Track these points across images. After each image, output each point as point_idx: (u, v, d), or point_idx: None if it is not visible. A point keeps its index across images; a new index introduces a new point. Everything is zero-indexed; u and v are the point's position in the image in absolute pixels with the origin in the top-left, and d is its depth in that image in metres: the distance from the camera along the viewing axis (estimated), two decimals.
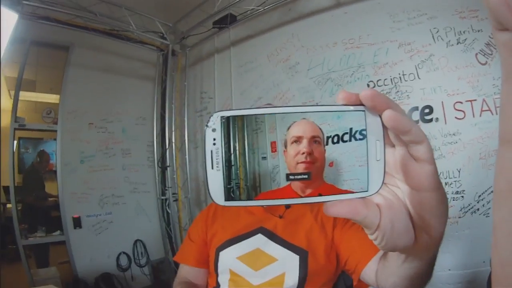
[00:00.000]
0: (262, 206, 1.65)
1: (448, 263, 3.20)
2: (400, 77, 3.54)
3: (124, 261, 5.15)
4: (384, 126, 0.48)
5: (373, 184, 0.49)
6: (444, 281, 3.21)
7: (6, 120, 4.54)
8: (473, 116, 3.14)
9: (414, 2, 3.46)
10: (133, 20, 4.82)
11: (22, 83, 4.68)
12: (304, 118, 0.58)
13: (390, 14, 3.60)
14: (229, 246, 1.59)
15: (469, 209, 3.14)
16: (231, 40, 5.08)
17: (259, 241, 1.56)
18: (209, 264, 1.65)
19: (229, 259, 1.56)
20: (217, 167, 0.48)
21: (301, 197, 0.57)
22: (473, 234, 3.10)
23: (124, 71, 5.54)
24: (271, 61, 4.58)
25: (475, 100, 3.13)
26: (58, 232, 4.77)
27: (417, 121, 3.38)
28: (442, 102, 3.29)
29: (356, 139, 0.49)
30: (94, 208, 5.02)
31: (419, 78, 3.44)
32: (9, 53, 3.92)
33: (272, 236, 1.56)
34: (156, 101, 5.67)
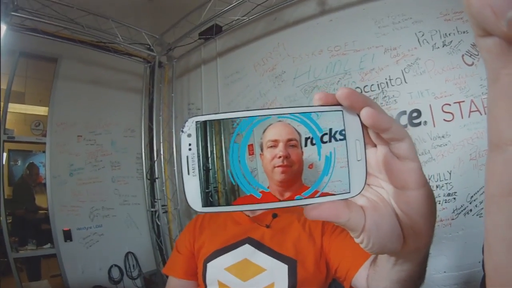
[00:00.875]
0: (243, 211, 1.62)
1: (443, 265, 3.15)
2: (386, 82, 3.50)
3: (116, 273, 5.01)
4: (363, 126, 0.47)
5: (355, 185, 0.48)
6: (439, 283, 3.16)
7: None
8: (462, 118, 3.10)
9: (399, 6, 3.43)
10: (120, 32, 4.74)
11: (12, 95, 4.57)
12: (280, 120, 0.53)
13: (375, 19, 3.57)
14: (217, 257, 1.55)
15: (462, 211, 3.10)
16: (217, 50, 5.01)
17: (247, 251, 1.53)
18: (198, 276, 1.62)
19: (217, 270, 1.53)
20: (193, 172, 0.48)
21: (280, 201, 0.49)
22: (467, 235, 3.05)
23: (112, 83, 5.38)
24: (257, 71, 4.51)
25: (463, 101, 3.10)
26: (48, 245, 4.65)
27: (405, 125, 3.33)
28: (430, 105, 3.25)
29: (336, 140, 0.48)
30: (85, 220, 4.88)
31: (406, 82, 3.40)
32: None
33: (259, 246, 1.53)
34: (143, 113, 5.56)
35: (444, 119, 3.19)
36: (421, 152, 3.26)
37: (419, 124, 3.29)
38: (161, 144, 5.33)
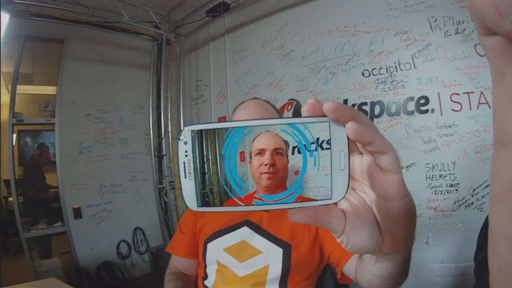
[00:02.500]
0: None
1: (440, 255, 3.11)
2: (395, 66, 3.31)
3: (124, 249, 5.04)
4: (348, 137, 0.47)
5: (337, 192, 0.48)
6: (436, 274, 3.13)
7: (5, 114, 4.39)
8: (470, 109, 2.94)
9: None
10: (126, 11, 4.55)
11: (20, 77, 4.49)
12: (268, 131, 0.54)
13: (387, 1, 3.33)
14: (216, 238, 1.60)
15: (463, 203, 3.01)
16: (226, 27, 4.81)
17: (245, 233, 1.58)
18: (199, 255, 1.67)
19: (216, 250, 1.58)
20: (189, 176, 0.49)
21: (266, 203, 0.51)
22: (467, 228, 2.99)
23: (120, 61, 5.26)
24: (265, 49, 4.33)
25: (472, 92, 2.92)
26: (59, 223, 4.65)
27: (412, 112, 3.20)
28: (438, 93, 3.08)
29: (322, 149, 0.49)
30: (94, 198, 4.87)
31: (415, 67, 3.20)
32: (5, 49, 3.86)
33: (257, 229, 1.58)
34: (151, 90, 5.47)
35: (452, 109, 3.02)
36: (426, 140, 3.15)
37: (426, 111, 3.15)
38: (169, 121, 5.26)
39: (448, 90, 3.03)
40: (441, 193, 3.09)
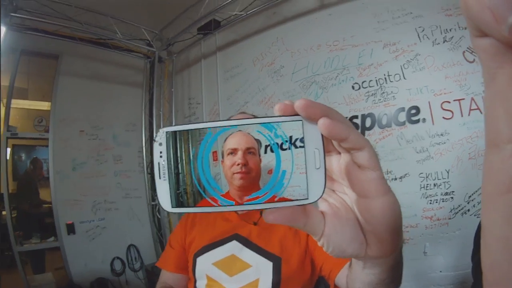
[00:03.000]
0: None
1: (439, 264, 3.04)
2: (385, 78, 3.31)
3: (118, 266, 4.95)
4: (323, 135, 0.46)
5: (313, 192, 0.47)
6: (435, 283, 3.05)
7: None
8: (462, 116, 2.92)
9: (399, 1, 3.24)
10: (119, 28, 4.60)
11: (15, 91, 4.52)
12: (240, 130, 0.66)
13: (374, 14, 3.36)
14: (206, 252, 1.58)
15: (459, 210, 2.95)
16: (217, 45, 4.83)
17: (234, 247, 1.55)
18: (188, 270, 1.64)
19: (206, 264, 1.55)
20: (163, 177, 0.48)
21: (240, 204, 0.49)
22: (464, 235, 2.92)
23: (113, 78, 5.26)
24: (256, 65, 4.34)
25: (463, 99, 2.91)
26: (52, 238, 4.59)
27: (403, 122, 3.19)
28: (429, 102, 3.07)
29: (296, 147, 0.47)
30: (87, 214, 4.81)
31: (404, 78, 3.21)
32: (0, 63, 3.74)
33: (246, 242, 1.56)
34: (144, 108, 5.46)
35: (443, 117, 3.00)
36: (419, 149, 3.11)
37: (418, 121, 3.13)
38: None
39: (439, 99, 3.02)
40: (436, 202, 3.05)
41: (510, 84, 0.28)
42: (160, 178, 0.48)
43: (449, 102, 2.97)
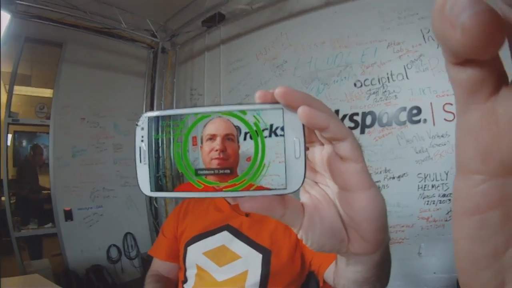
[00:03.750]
0: (225, 198, 1.68)
1: (433, 266, 3.03)
2: (388, 77, 3.29)
3: (114, 253, 4.94)
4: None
5: (293, 182, 0.45)
6: (429, 284, 3.03)
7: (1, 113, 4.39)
8: None
9: (405, 1, 3.20)
10: (123, 18, 4.54)
11: (18, 78, 4.50)
12: (219, 116, 0.59)
13: (380, 13, 3.32)
14: (197, 241, 1.57)
15: None
16: (221, 38, 4.80)
17: (225, 238, 1.54)
18: (179, 259, 1.63)
19: (196, 254, 1.54)
20: (144, 161, 0.49)
21: (216, 191, 0.48)
22: None
23: (116, 67, 5.23)
24: (259, 59, 4.31)
25: None
26: (50, 225, 4.58)
27: (404, 122, 3.17)
28: (431, 103, 3.05)
29: (276, 135, 0.46)
30: (86, 201, 4.80)
31: (407, 78, 3.18)
32: (3, 49, 3.77)
33: (237, 234, 1.55)
34: (146, 98, 5.43)
35: (444, 119, 2.98)
36: (418, 150, 3.09)
37: (419, 121, 3.11)
38: None
39: (441, 100, 3.00)
40: (433, 203, 3.02)
41: (482, 121, 0.28)
42: (140, 162, 0.49)
43: (451, 104, 2.94)
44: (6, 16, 3.45)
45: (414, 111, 3.12)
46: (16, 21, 3.73)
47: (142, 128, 0.49)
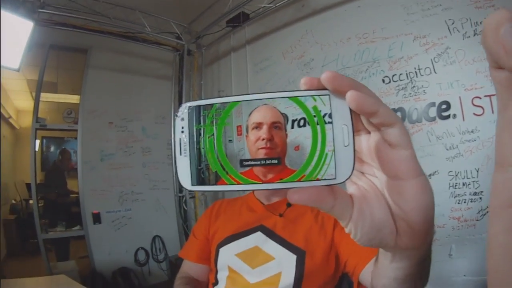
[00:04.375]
0: (258, 199, 1.66)
1: (463, 268, 2.88)
2: (416, 72, 3.16)
3: (142, 256, 5.00)
4: (352, 110, 0.43)
5: (342, 172, 0.44)
6: (458, 287, 2.90)
7: (28, 120, 4.53)
8: (492, 113, 2.75)
9: None
10: (147, 22, 4.60)
11: (44, 85, 4.64)
12: (265, 104, 0.51)
13: (404, 6, 3.21)
14: (229, 242, 1.55)
15: (487, 212, 2.75)
16: (246, 38, 4.79)
17: (258, 239, 1.52)
18: (210, 261, 1.61)
19: (228, 255, 1.52)
20: (184, 153, 0.48)
21: (264, 182, 0.46)
22: None
23: (142, 71, 5.30)
24: (286, 58, 4.26)
25: (494, 95, 2.67)
26: (77, 227, 4.69)
27: (434, 118, 3.04)
28: (459, 97, 2.90)
29: (325, 123, 0.44)
30: (114, 204, 4.88)
31: (435, 72, 3.05)
32: (29, 57, 3.90)
33: (271, 234, 1.52)
34: (173, 100, 5.43)
35: (474, 113, 2.83)
36: (449, 146, 2.96)
37: (448, 117, 2.97)
38: None
39: (470, 94, 2.86)
40: (464, 202, 2.89)
41: None
42: (181, 154, 0.48)
43: (480, 97, 2.80)
44: (29, 25, 3.51)
45: (444, 106, 2.99)
46: (39, 29, 3.78)
47: (182, 119, 0.48)
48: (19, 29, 3.44)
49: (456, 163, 2.92)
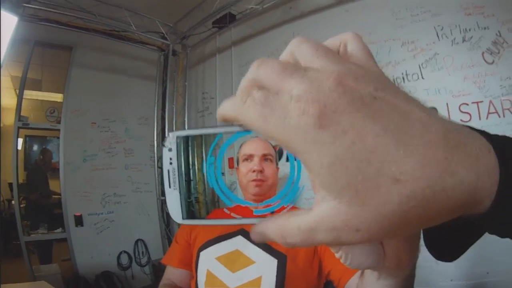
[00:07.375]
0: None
1: (450, 273, 2.94)
2: (403, 77, 3.25)
3: (125, 260, 4.95)
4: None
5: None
6: None
7: (11, 118, 4.47)
8: (480, 119, 2.83)
9: None
10: (133, 20, 4.59)
11: (28, 82, 4.57)
12: (257, 136, 0.60)
13: (393, 11, 3.30)
14: (210, 246, 1.54)
15: None
16: (232, 39, 4.81)
17: (239, 242, 1.51)
18: (192, 266, 1.60)
19: (208, 259, 1.52)
20: (174, 186, 0.45)
21: (257, 217, 0.44)
22: (478, 244, 2.72)
23: (127, 71, 5.27)
24: None
25: (481, 101, 2.83)
26: (60, 230, 4.62)
27: None
28: (447, 103, 3.00)
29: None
30: (96, 206, 4.82)
31: (423, 78, 3.15)
32: (13, 54, 3.88)
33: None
34: (156, 101, 5.43)
35: (461, 120, 2.88)
36: None
37: None
38: None
39: (457, 100, 2.96)
40: None
41: None
42: (170, 187, 0.45)
43: (467, 104, 2.90)
44: (14, 19, 3.48)
45: None
46: (24, 25, 3.76)
47: (170, 149, 0.46)
48: (3, 24, 3.38)
49: None
